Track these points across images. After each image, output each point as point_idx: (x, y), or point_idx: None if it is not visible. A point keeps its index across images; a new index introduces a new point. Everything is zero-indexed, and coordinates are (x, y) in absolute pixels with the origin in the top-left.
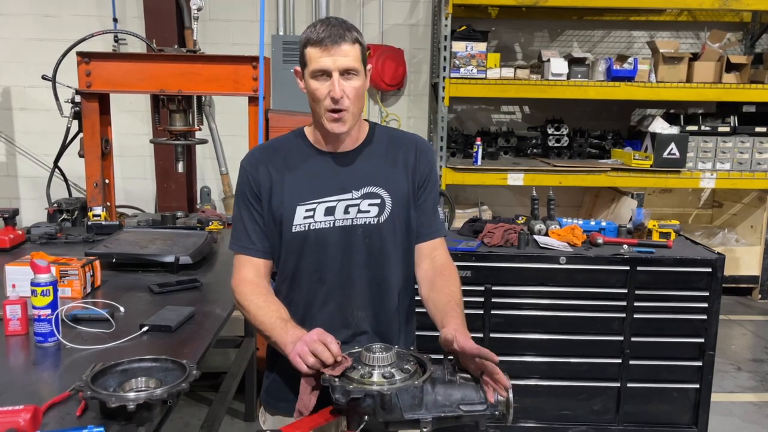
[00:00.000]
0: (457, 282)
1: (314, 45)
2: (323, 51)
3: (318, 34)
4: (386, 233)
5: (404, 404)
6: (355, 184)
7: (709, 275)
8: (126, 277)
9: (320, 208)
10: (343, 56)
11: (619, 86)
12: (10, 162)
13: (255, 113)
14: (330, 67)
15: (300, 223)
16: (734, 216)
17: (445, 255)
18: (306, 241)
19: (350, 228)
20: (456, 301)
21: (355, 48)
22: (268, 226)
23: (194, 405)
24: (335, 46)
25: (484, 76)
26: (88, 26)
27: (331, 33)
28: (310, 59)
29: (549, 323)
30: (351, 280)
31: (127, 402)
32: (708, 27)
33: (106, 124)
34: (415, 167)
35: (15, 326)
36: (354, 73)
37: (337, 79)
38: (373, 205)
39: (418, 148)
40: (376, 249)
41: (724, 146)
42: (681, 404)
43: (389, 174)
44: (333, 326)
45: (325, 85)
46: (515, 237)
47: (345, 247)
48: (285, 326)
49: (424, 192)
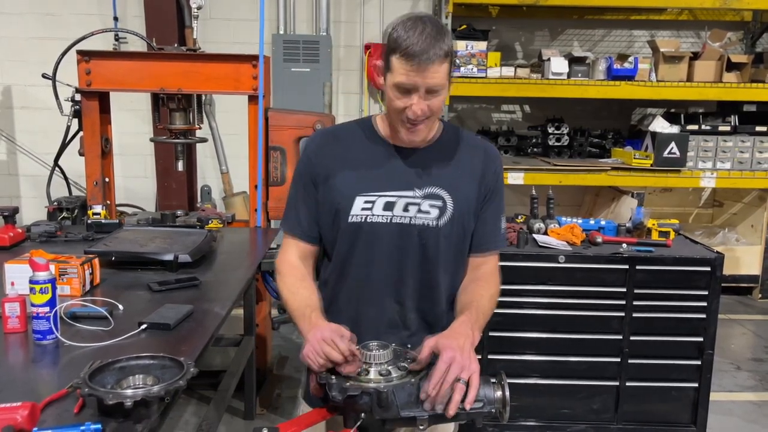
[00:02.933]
0: (490, 290)
1: (404, 57)
2: (412, 69)
3: (410, 44)
4: (443, 237)
5: (401, 401)
6: (419, 182)
7: (708, 274)
8: (125, 275)
9: (380, 201)
10: (432, 75)
11: (620, 85)
12: (11, 160)
13: (255, 112)
14: (417, 84)
15: (357, 213)
16: (735, 215)
17: (491, 268)
18: (360, 233)
19: (407, 227)
20: (477, 304)
21: (445, 64)
22: (323, 213)
23: (194, 404)
24: (427, 64)
25: (485, 75)
26: (89, 25)
27: (425, 48)
28: (396, 70)
29: (548, 322)
30: (402, 279)
31: (125, 399)
32: (709, 26)
33: (106, 122)
34: (483, 175)
35: (14, 324)
36: (439, 90)
37: (421, 96)
38: (434, 206)
39: (487, 156)
40: (431, 251)
41: (725, 145)
42: (680, 403)
43: (455, 177)
44: (389, 325)
45: (406, 99)
46: (514, 236)
47: (399, 245)
48: (309, 316)
49: (488, 203)
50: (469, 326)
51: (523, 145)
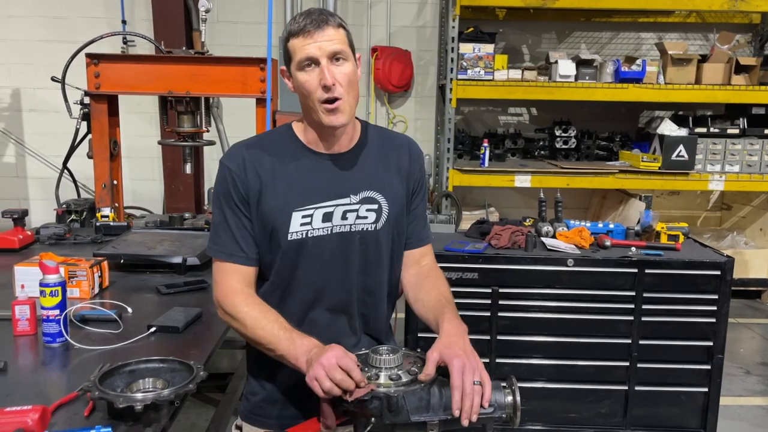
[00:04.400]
0: (445, 282)
1: (296, 35)
2: (306, 38)
3: (298, 24)
4: (382, 240)
5: (411, 406)
6: (353, 188)
7: (718, 278)
8: (134, 277)
9: (318, 213)
10: (328, 40)
11: (627, 88)
12: (20, 163)
13: (263, 115)
14: (316, 54)
15: (296, 230)
16: (743, 218)
17: (432, 260)
18: (303, 250)
19: (348, 234)
20: (446, 298)
21: (340, 32)
22: (257, 233)
23: (201, 406)
24: (318, 30)
25: (492, 77)
26: (97, 28)
27: (311, 21)
28: (294, 50)
29: (556, 326)
30: (347, 288)
31: (135, 403)
32: (717, 29)
33: (114, 125)
34: (410, 172)
35: (24, 326)
36: (343, 58)
37: (326, 65)
38: (371, 210)
39: (411, 152)
40: (371, 256)
41: (733, 148)
42: (689, 408)
43: (385, 178)
44: (339, 336)
45: (314, 75)
46: (522, 239)
47: (342, 255)
48: (291, 337)
49: (417, 198)
50: (457, 322)
51: (530, 147)
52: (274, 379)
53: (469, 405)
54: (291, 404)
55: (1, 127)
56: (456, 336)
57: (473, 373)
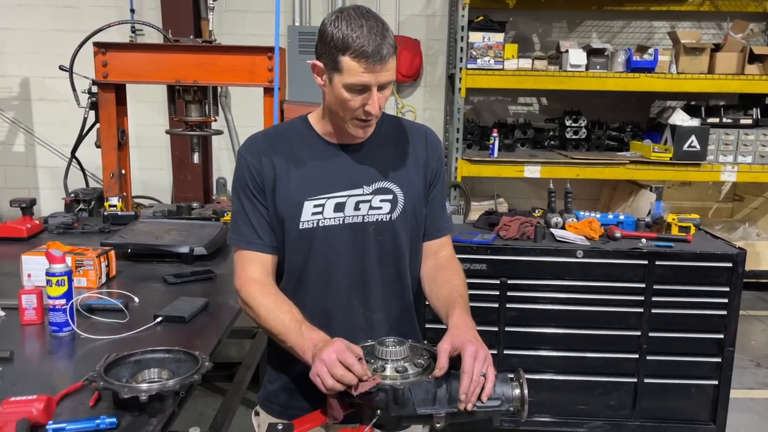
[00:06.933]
0: (461, 275)
1: (356, 58)
2: (366, 67)
3: (360, 44)
4: (399, 231)
5: (417, 399)
6: (367, 178)
7: (729, 270)
8: (141, 267)
9: (329, 203)
10: (385, 72)
11: (639, 77)
12: (29, 152)
13: (270, 104)
14: (371, 83)
15: (308, 219)
16: (755, 210)
17: (450, 252)
18: (314, 239)
19: (361, 225)
20: (459, 293)
21: (394, 58)
22: (272, 221)
23: (209, 395)
24: (381, 64)
25: (501, 67)
26: (105, 17)
27: (376, 48)
28: (347, 69)
29: (565, 317)
30: (365, 281)
31: (140, 393)
32: (730, 17)
33: (122, 114)
34: (427, 162)
35: (30, 316)
36: (389, 85)
37: (375, 94)
38: (385, 201)
39: (428, 142)
40: (388, 247)
41: (746, 139)
42: (699, 401)
43: (401, 168)
44: (353, 331)
45: (360, 98)
46: (531, 230)
47: (357, 246)
48: (300, 329)
49: (434, 188)
50: (466, 318)
51: (540, 137)
52: (289, 369)
53: (472, 392)
54: (303, 394)
55: (11, 116)
56: (468, 327)
57: (483, 362)
